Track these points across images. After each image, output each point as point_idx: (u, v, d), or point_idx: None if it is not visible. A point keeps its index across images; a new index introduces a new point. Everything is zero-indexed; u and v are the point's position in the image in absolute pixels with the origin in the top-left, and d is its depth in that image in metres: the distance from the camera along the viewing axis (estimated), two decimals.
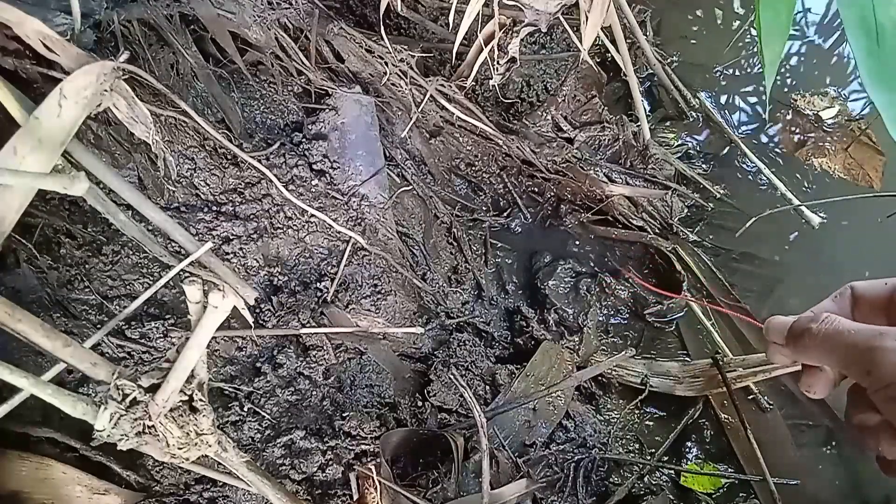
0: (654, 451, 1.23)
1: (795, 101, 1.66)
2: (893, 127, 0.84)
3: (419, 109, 1.36)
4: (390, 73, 1.31)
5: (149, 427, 0.62)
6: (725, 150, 1.61)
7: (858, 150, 1.58)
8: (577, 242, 1.49)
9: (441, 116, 1.41)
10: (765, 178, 1.54)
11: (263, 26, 1.24)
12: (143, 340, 1.07)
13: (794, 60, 1.76)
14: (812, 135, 1.60)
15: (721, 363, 1.23)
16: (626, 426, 1.27)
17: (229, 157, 1.20)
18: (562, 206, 1.50)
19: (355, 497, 1.04)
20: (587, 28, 1.23)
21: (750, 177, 1.57)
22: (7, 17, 0.67)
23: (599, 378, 1.30)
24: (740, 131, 1.65)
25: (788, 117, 1.65)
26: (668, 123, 1.66)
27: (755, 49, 1.77)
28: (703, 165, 1.59)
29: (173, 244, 1.05)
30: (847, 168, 1.56)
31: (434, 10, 1.54)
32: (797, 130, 1.62)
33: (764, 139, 1.64)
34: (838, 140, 1.60)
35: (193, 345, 0.62)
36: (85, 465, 0.97)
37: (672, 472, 1.21)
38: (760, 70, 1.73)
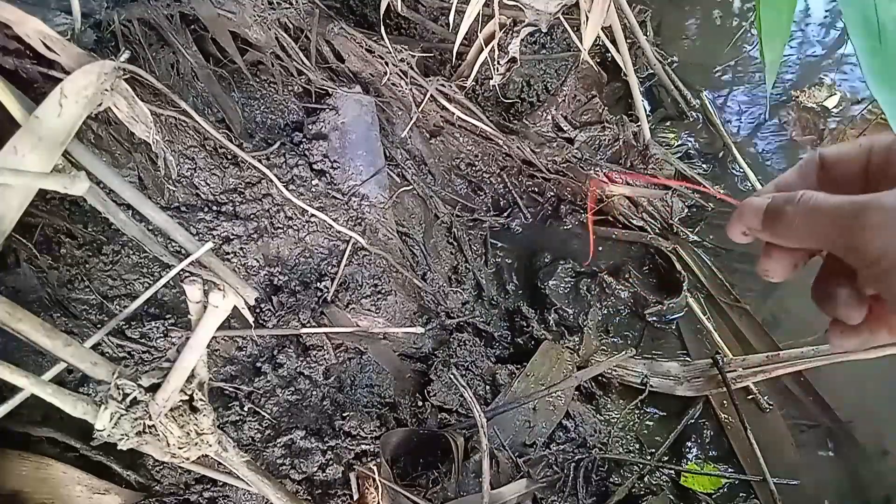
0: (654, 451, 1.23)
1: (797, 96, 1.66)
2: None
3: (419, 109, 1.36)
4: (390, 73, 1.31)
5: (149, 427, 0.62)
6: (725, 150, 1.61)
7: (876, 132, 1.57)
8: (577, 242, 1.49)
9: (441, 116, 1.41)
10: (767, 177, 1.54)
11: (264, 26, 1.24)
12: (143, 340, 1.07)
13: (792, 59, 1.76)
14: (824, 127, 1.60)
15: (721, 363, 1.23)
16: (626, 426, 1.27)
17: (229, 156, 1.20)
18: (562, 206, 1.50)
19: (355, 497, 1.04)
20: (587, 28, 1.23)
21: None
22: (7, 16, 0.67)
23: (599, 378, 1.30)
24: (740, 131, 1.65)
25: (794, 114, 1.64)
26: (668, 123, 1.66)
27: (755, 49, 1.77)
28: (703, 165, 1.59)
29: (173, 244, 1.04)
30: None
31: (434, 10, 1.54)
32: (807, 126, 1.61)
33: (765, 139, 1.64)
34: (851, 126, 1.59)
35: (194, 344, 0.62)
36: (85, 464, 0.97)
37: (672, 472, 1.21)
38: (761, 69, 1.73)
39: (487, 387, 1.23)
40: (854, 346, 0.44)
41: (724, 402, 1.25)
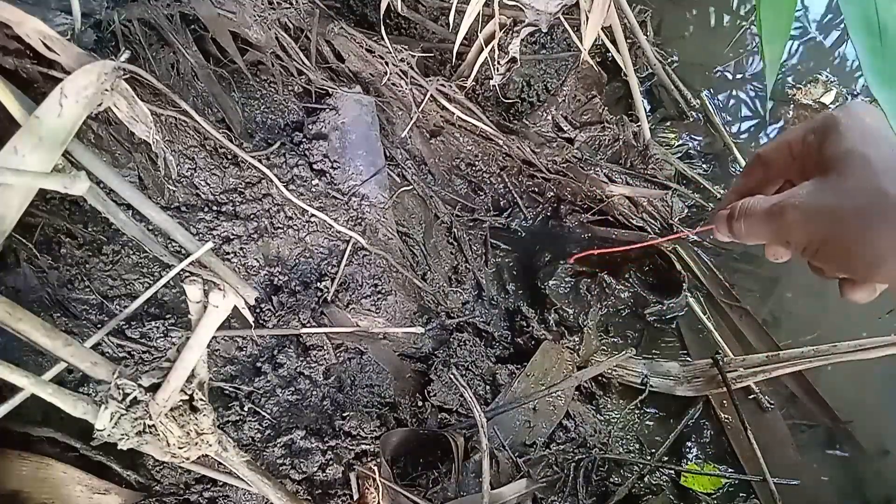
0: (654, 451, 1.23)
1: (793, 94, 1.66)
2: None
3: (419, 109, 1.36)
4: (391, 73, 1.31)
5: (149, 426, 0.62)
6: (725, 150, 1.61)
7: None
8: (577, 243, 1.49)
9: (441, 116, 1.41)
10: None
11: (264, 26, 1.24)
12: (143, 340, 1.07)
13: (792, 58, 1.76)
14: None
15: (721, 363, 1.23)
16: (626, 426, 1.27)
17: (230, 156, 1.20)
18: (562, 206, 1.50)
19: (355, 497, 1.04)
20: (588, 28, 1.23)
21: None
22: (7, 16, 0.67)
23: (599, 378, 1.30)
24: (741, 131, 1.65)
25: (793, 113, 1.64)
26: (668, 123, 1.66)
27: (755, 49, 1.77)
28: (703, 165, 1.59)
29: (174, 244, 1.04)
30: None
31: (434, 10, 1.54)
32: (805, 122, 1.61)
33: (765, 138, 1.64)
34: None
35: (194, 344, 0.62)
36: (85, 464, 0.97)
37: (672, 472, 1.21)
38: (761, 69, 1.73)
39: (487, 387, 1.23)
40: (866, 298, 0.49)
41: (724, 402, 1.26)
